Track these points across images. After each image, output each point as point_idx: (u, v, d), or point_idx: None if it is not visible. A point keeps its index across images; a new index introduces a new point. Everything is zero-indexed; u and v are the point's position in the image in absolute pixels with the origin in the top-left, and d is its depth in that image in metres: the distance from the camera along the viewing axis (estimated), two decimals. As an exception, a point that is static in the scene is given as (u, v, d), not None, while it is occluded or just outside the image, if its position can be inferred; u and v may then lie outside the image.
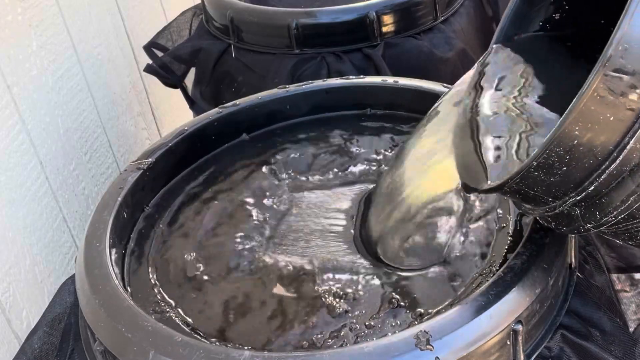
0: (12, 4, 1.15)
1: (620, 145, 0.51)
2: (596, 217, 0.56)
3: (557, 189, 0.56)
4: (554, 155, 0.53)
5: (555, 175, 0.54)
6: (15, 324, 1.09)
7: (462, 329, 0.58)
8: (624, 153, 0.51)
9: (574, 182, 0.54)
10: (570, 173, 0.54)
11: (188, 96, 1.42)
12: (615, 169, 0.52)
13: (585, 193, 0.54)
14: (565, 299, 0.68)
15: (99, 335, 0.65)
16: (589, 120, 0.50)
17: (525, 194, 0.58)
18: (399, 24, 1.24)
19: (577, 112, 0.50)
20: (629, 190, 0.52)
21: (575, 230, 0.59)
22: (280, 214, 0.85)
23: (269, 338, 0.68)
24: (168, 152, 0.89)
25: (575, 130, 0.51)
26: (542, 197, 0.58)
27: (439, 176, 0.71)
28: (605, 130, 0.51)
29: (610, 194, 0.54)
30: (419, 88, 0.95)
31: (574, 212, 0.57)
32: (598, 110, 0.50)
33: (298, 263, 0.77)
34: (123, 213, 0.80)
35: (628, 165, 0.52)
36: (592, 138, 0.51)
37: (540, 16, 0.74)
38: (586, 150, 0.52)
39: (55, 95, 1.26)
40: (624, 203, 0.53)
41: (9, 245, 1.08)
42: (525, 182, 0.56)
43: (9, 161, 1.11)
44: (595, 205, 0.55)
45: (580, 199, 0.55)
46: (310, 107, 1.00)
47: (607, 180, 0.53)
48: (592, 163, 0.53)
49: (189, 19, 1.48)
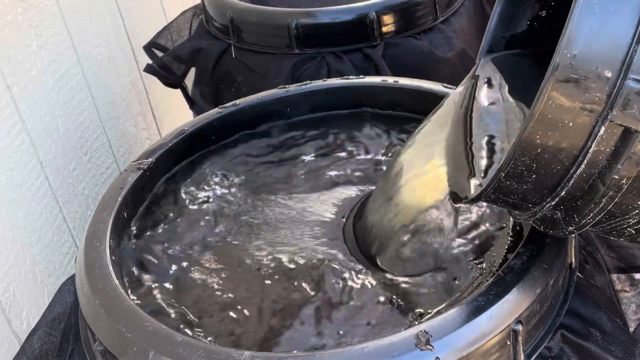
0: (12, 4, 1.15)
1: (584, 150, 0.51)
2: (576, 220, 0.56)
3: (532, 195, 0.56)
4: (520, 165, 0.53)
5: (526, 183, 0.55)
6: (15, 324, 1.09)
7: (462, 329, 0.58)
8: (589, 156, 0.51)
9: (547, 188, 0.55)
10: (541, 180, 0.54)
11: (188, 96, 1.42)
12: (584, 173, 0.52)
13: (559, 198, 0.55)
14: (566, 299, 0.68)
15: (99, 335, 0.65)
16: (548, 127, 0.51)
17: (506, 202, 0.59)
18: (399, 24, 1.24)
19: (535, 121, 0.50)
20: (600, 192, 0.53)
21: (561, 233, 0.59)
22: (280, 214, 0.85)
23: (267, 339, 0.68)
24: (168, 152, 0.89)
25: (537, 139, 0.51)
26: (522, 204, 0.58)
27: (432, 184, 0.72)
28: (567, 136, 0.51)
29: (583, 197, 0.54)
30: (419, 88, 0.95)
31: (555, 216, 0.58)
32: (556, 117, 0.50)
33: (291, 264, 0.77)
34: (123, 213, 0.80)
35: (595, 168, 0.52)
36: (555, 144, 0.52)
37: (526, 15, 0.74)
38: (551, 157, 0.52)
39: (55, 95, 1.26)
40: (598, 205, 0.53)
41: (9, 245, 1.08)
42: (501, 192, 0.57)
43: (9, 161, 1.11)
44: (572, 208, 0.56)
45: (555, 203, 0.56)
46: (310, 107, 1.00)
47: (577, 184, 0.53)
48: (559, 169, 0.53)
49: (189, 19, 1.48)
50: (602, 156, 0.51)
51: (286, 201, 0.87)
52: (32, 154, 1.17)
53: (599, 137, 0.51)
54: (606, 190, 0.52)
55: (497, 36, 0.75)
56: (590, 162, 0.52)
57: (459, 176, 0.68)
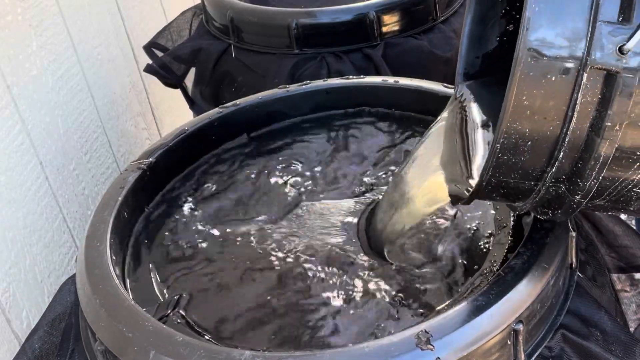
0: (12, 4, 1.15)
1: (571, 103, 0.52)
2: (580, 185, 0.55)
3: (532, 168, 0.56)
4: (513, 133, 0.53)
5: (523, 153, 0.55)
6: (15, 324, 1.09)
7: (463, 329, 0.58)
8: (578, 109, 0.52)
9: (544, 155, 0.55)
10: (537, 146, 0.54)
11: (188, 96, 1.42)
12: (577, 129, 0.53)
13: (559, 162, 0.55)
14: (566, 299, 0.68)
15: (99, 335, 0.65)
16: (533, 86, 0.51)
17: (507, 186, 0.58)
18: (399, 24, 1.24)
19: (519, 82, 0.51)
20: (597, 144, 0.53)
21: (570, 210, 0.58)
22: (280, 213, 0.85)
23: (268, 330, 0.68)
24: (168, 152, 0.89)
25: (524, 100, 0.52)
26: (524, 184, 0.58)
27: (432, 192, 0.74)
28: (553, 93, 0.52)
29: (582, 157, 0.54)
30: (419, 88, 0.95)
31: (560, 190, 0.57)
32: (538, 73, 0.51)
33: (299, 259, 0.77)
34: (123, 213, 0.80)
35: (587, 121, 0.52)
36: (542, 104, 0.52)
37: (495, 32, 0.75)
38: (542, 119, 0.53)
39: (55, 95, 1.26)
40: (597, 161, 0.53)
41: (9, 245, 1.08)
42: (500, 171, 0.57)
43: (9, 161, 1.11)
44: (574, 173, 0.55)
45: (556, 171, 0.55)
46: (310, 107, 1.00)
47: (573, 143, 0.53)
48: (552, 130, 0.53)
49: (189, 19, 1.48)
50: (590, 107, 0.52)
51: (288, 201, 0.87)
52: (32, 154, 1.17)
53: (583, 86, 0.51)
54: (602, 142, 0.52)
55: (470, 58, 0.77)
56: (581, 114, 0.52)
57: (456, 179, 0.69)
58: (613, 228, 0.83)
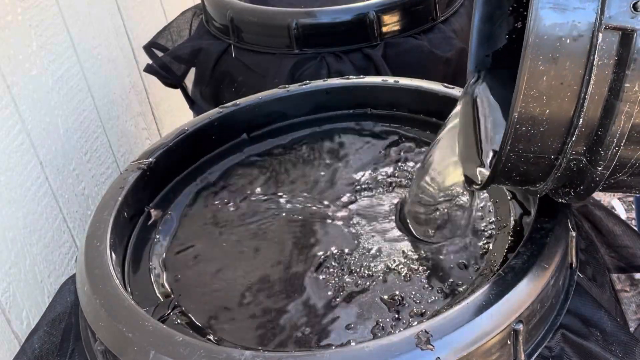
0: (12, 4, 1.15)
1: (588, 65, 0.51)
2: (601, 154, 0.54)
3: (552, 139, 0.55)
4: (531, 101, 0.52)
5: (542, 123, 0.53)
6: (15, 324, 1.09)
7: (463, 329, 0.58)
8: (595, 72, 0.51)
9: (564, 123, 0.53)
10: (555, 114, 0.53)
11: (188, 96, 1.42)
12: (595, 94, 0.51)
13: (578, 130, 0.53)
14: (566, 299, 0.68)
15: (99, 335, 0.65)
16: (548, 52, 0.50)
17: (527, 162, 0.57)
18: (398, 24, 1.24)
19: (532, 47, 0.50)
20: (617, 109, 0.51)
21: (592, 184, 0.56)
22: (281, 213, 0.85)
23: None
24: (168, 152, 0.89)
25: (540, 65, 0.51)
26: (544, 157, 0.56)
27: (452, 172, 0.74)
28: (568, 57, 0.50)
29: (602, 123, 0.53)
30: (419, 88, 0.95)
31: (581, 164, 0.56)
32: (552, 37, 0.50)
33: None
34: (123, 213, 0.80)
35: (605, 85, 0.51)
36: (559, 69, 0.51)
37: (503, 30, 0.75)
38: (559, 84, 0.51)
39: (55, 95, 1.26)
40: (618, 127, 0.52)
41: (9, 245, 1.08)
42: (519, 146, 0.55)
43: (9, 161, 1.11)
44: (595, 142, 0.54)
45: (576, 140, 0.54)
46: (310, 107, 1.00)
47: (593, 109, 0.52)
48: (570, 95, 0.52)
49: (189, 19, 1.48)
50: (608, 70, 0.51)
51: (289, 200, 0.87)
52: (32, 154, 1.17)
53: (599, 47, 0.50)
54: (622, 106, 0.51)
55: (480, 55, 0.76)
56: (598, 77, 0.51)
57: (471, 163, 0.69)
58: (613, 228, 0.83)
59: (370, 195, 0.87)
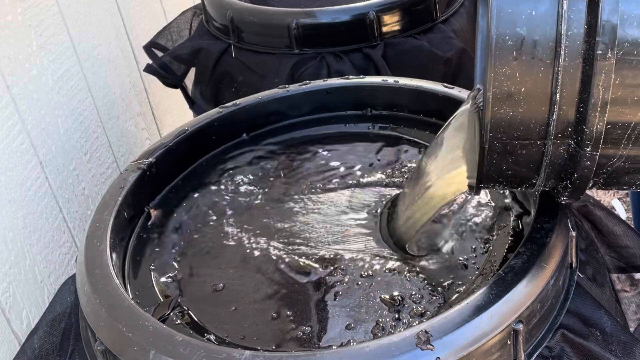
0: (12, 4, 1.15)
1: (557, 37, 0.49)
2: (587, 133, 0.51)
3: (534, 120, 0.53)
4: (504, 79, 0.50)
5: (520, 102, 0.51)
6: (15, 324, 1.09)
7: (463, 329, 0.58)
8: (566, 42, 0.49)
9: (543, 101, 0.51)
10: (532, 91, 0.51)
11: (188, 96, 1.42)
12: (569, 66, 0.49)
13: (559, 108, 0.51)
14: (566, 299, 0.68)
15: (99, 335, 0.65)
16: (514, 25, 0.49)
17: (514, 151, 0.55)
18: (398, 24, 1.24)
19: (496, 19, 0.48)
20: (594, 81, 0.49)
21: (586, 170, 0.54)
22: (283, 212, 0.85)
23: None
24: (168, 152, 0.89)
25: (508, 40, 0.49)
26: (529, 143, 0.54)
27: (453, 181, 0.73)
28: (535, 29, 0.49)
29: (582, 99, 0.51)
30: (419, 88, 0.95)
31: (570, 148, 0.54)
32: (516, 13, 0.48)
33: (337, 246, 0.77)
34: (123, 213, 0.80)
35: (579, 57, 0.49)
36: (527, 42, 0.49)
37: None
38: (530, 58, 0.49)
39: (55, 95, 1.26)
40: (598, 99, 0.50)
41: (9, 245, 1.08)
42: (501, 128, 0.53)
43: (9, 161, 1.11)
44: (579, 121, 0.52)
45: (559, 120, 0.52)
46: (310, 107, 1.00)
47: (569, 83, 0.50)
48: (544, 70, 0.50)
49: (189, 19, 1.48)
50: (579, 39, 0.49)
51: (292, 199, 0.87)
52: (32, 154, 1.17)
53: (566, 17, 0.48)
54: (597, 76, 0.49)
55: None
56: (571, 49, 0.49)
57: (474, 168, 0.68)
58: (613, 228, 0.83)
59: (370, 195, 0.87)
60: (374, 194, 0.87)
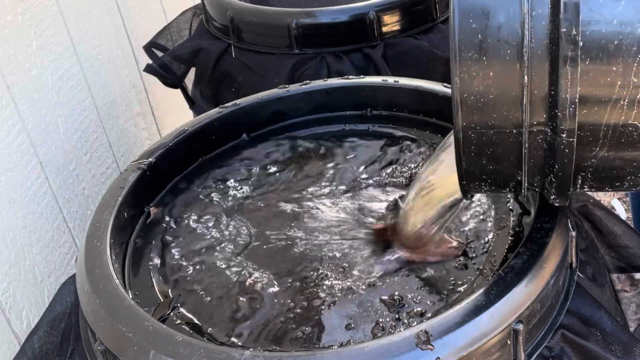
0: (12, 4, 1.15)
1: (521, 17, 0.48)
2: (560, 117, 0.50)
3: (506, 106, 0.51)
4: (471, 64, 0.49)
5: (489, 87, 0.50)
6: (15, 324, 1.09)
7: (463, 329, 0.58)
8: (531, 23, 0.48)
9: (512, 86, 0.50)
10: (500, 74, 0.50)
11: (188, 96, 1.42)
12: (537, 48, 0.48)
13: (530, 92, 0.50)
14: (566, 299, 0.68)
15: (99, 335, 0.65)
16: (478, 9, 0.48)
17: (490, 142, 0.53)
18: (398, 24, 1.24)
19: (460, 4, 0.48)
20: (561, 60, 0.48)
21: (566, 160, 0.53)
22: (283, 212, 0.85)
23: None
24: (168, 152, 0.89)
25: (472, 23, 0.48)
26: (505, 132, 0.52)
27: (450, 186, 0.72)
28: (500, 10, 0.48)
29: (552, 80, 0.49)
30: (419, 88, 0.95)
31: (547, 137, 0.52)
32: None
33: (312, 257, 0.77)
34: (123, 213, 0.80)
35: (545, 38, 0.48)
36: (492, 26, 0.48)
37: None
38: (495, 41, 0.48)
39: (55, 95, 1.26)
40: (567, 78, 0.48)
41: (9, 245, 1.08)
42: (474, 116, 0.52)
43: (9, 161, 1.11)
44: (552, 105, 0.50)
45: (532, 106, 0.50)
46: (310, 107, 1.00)
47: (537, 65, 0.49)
48: (510, 52, 0.49)
49: (189, 19, 1.49)
50: (544, 21, 0.48)
51: (291, 200, 0.87)
52: (32, 154, 1.17)
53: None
54: (564, 54, 0.47)
55: None
56: (536, 29, 0.48)
57: None
58: (613, 228, 0.83)
59: (370, 195, 0.87)
60: (374, 194, 0.87)
